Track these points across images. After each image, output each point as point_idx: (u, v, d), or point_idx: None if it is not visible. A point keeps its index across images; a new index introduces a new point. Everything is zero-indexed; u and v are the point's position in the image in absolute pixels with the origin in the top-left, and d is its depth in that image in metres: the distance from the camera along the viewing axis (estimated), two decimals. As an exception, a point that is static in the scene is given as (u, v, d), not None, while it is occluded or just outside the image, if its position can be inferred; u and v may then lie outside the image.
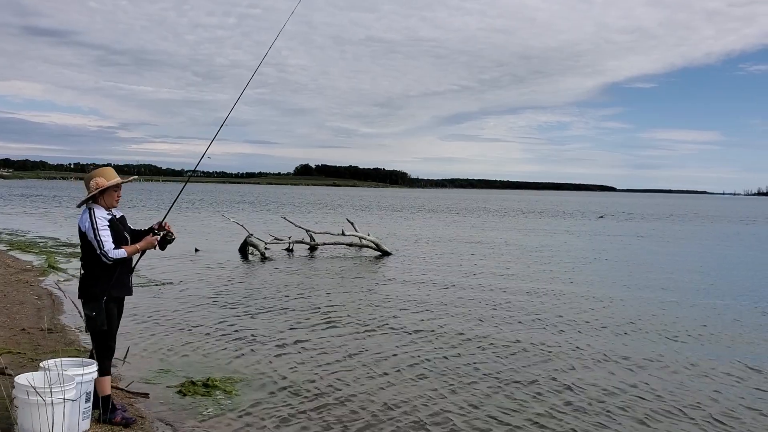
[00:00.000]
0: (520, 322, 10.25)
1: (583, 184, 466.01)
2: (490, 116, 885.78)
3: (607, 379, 7.37)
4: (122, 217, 5.28)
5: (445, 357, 8.05)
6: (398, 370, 7.41)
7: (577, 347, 8.78)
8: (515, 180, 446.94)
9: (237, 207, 51.35)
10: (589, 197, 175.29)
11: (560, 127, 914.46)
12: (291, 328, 9.33)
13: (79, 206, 5.18)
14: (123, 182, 5.25)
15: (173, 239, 5.37)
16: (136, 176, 6.82)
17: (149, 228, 5.38)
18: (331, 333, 9.14)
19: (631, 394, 6.84)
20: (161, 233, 5.28)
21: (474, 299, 12.19)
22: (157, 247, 5.29)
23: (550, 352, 8.47)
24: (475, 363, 7.83)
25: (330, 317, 10.19)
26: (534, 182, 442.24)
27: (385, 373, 7.27)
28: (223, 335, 8.77)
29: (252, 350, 8.06)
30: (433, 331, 9.46)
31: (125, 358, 5.90)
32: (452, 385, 6.95)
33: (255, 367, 7.35)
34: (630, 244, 26.84)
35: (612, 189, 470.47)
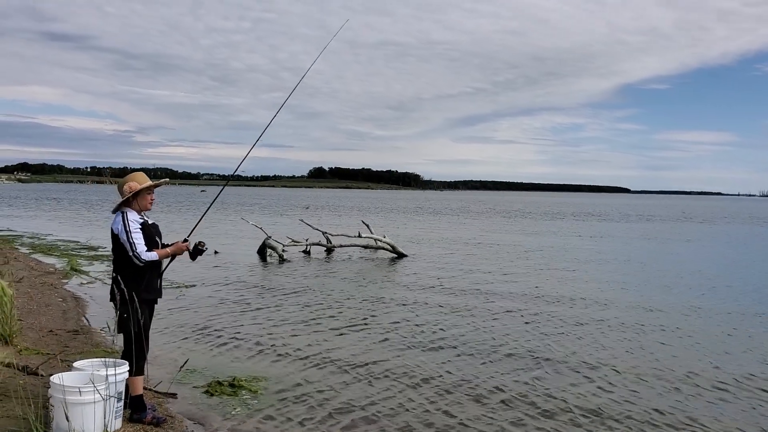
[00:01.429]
0: (538, 330, 10.25)
1: (598, 186, 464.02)
2: (504, 118, 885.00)
3: (650, 401, 7.33)
4: (155, 223, 5.40)
5: (465, 363, 8.09)
6: (418, 376, 7.45)
7: (599, 361, 8.77)
8: (529, 182, 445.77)
9: (252, 209, 51.60)
10: (603, 199, 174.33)
11: (574, 129, 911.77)
12: (311, 329, 9.41)
13: (114, 212, 5.30)
14: (156, 185, 5.39)
15: (205, 249, 5.48)
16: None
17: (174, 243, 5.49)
18: (350, 334, 9.21)
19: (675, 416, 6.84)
20: (193, 242, 5.40)
21: (490, 303, 12.21)
22: (189, 256, 5.41)
23: (565, 363, 8.48)
24: (495, 372, 7.86)
25: (349, 319, 10.27)
26: (548, 184, 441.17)
27: (406, 378, 7.33)
28: (245, 336, 8.88)
29: (274, 350, 8.15)
30: (453, 334, 9.50)
31: (182, 366, 6.02)
32: (470, 395, 6.98)
33: (278, 367, 7.44)
34: (644, 246, 26.70)
35: (626, 190, 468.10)
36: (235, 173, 7.09)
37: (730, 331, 10.09)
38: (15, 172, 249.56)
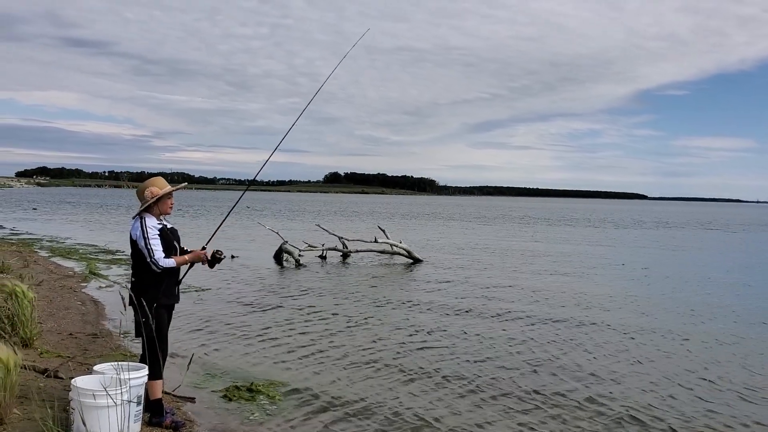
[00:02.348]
0: (558, 337, 10.18)
1: (614, 192, 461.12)
2: (520, 124, 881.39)
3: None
4: (173, 228, 5.43)
5: (488, 367, 8.05)
6: (438, 380, 7.42)
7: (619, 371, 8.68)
8: (545, 188, 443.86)
9: (268, 214, 51.78)
10: (620, 205, 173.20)
11: (591, 135, 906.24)
12: (328, 334, 9.41)
13: (134, 217, 5.34)
14: (175, 190, 5.42)
15: (222, 258, 5.50)
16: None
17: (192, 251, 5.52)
18: (368, 340, 9.19)
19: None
20: (211, 250, 5.43)
21: (508, 309, 12.15)
22: (206, 265, 5.43)
23: (581, 368, 8.41)
24: (516, 377, 7.82)
25: (366, 324, 10.26)
26: (564, 190, 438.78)
27: (427, 382, 7.30)
28: (262, 340, 8.90)
29: (292, 355, 8.16)
30: (473, 339, 9.46)
31: (189, 363, 6.05)
32: (494, 399, 6.95)
33: (296, 372, 7.44)
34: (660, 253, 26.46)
35: (643, 197, 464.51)
36: (254, 178, 7.10)
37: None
38: (34, 177, 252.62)
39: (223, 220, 6.13)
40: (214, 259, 5.44)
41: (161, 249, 5.11)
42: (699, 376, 7.89)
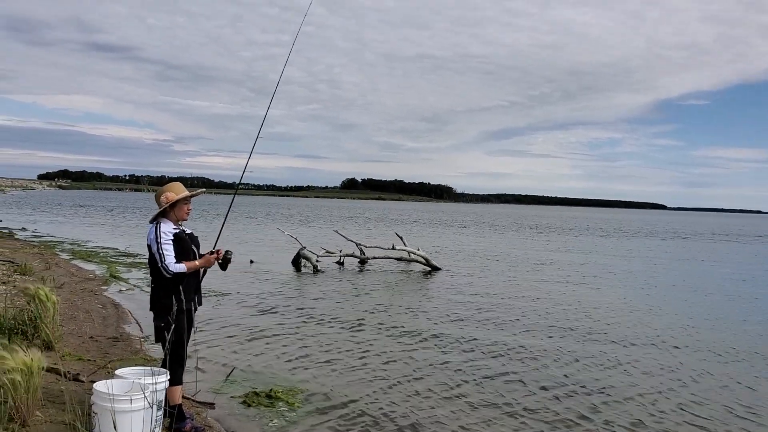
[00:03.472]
0: (573, 352, 10.09)
1: (633, 202, 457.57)
2: (539, 132, 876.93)
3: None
4: (192, 233, 5.43)
5: (505, 379, 7.99)
6: (459, 392, 7.37)
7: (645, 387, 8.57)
8: (563, 196, 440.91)
9: (286, 219, 51.94)
10: (639, 215, 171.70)
11: (611, 144, 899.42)
12: (347, 342, 9.39)
13: (151, 222, 5.35)
14: (192, 195, 5.43)
15: (231, 257, 5.48)
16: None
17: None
18: (387, 348, 9.16)
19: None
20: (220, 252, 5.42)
21: (527, 319, 12.07)
22: (219, 267, 5.44)
23: (601, 390, 8.31)
24: (535, 389, 7.74)
25: (385, 333, 10.23)
26: (583, 198, 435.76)
27: (445, 391, 7.26)
28: (281, 346, 8.90)
29: (311, 362, 8.15)
30: (490, 349, 9.40)
31: (229, 375, 6.07)
32: (510, 412, 6.89)
33: (314, 379, 7.42)
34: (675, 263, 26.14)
35: (662, 207, 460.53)
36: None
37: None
38: (55, 179, 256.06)
39: (224, 223, 6.17)
40: (225, 261, 5.43)
41: (173, 254, 5.11)
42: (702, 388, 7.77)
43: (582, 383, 7.77)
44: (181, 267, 5.12)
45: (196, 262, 5.30)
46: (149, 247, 5.18)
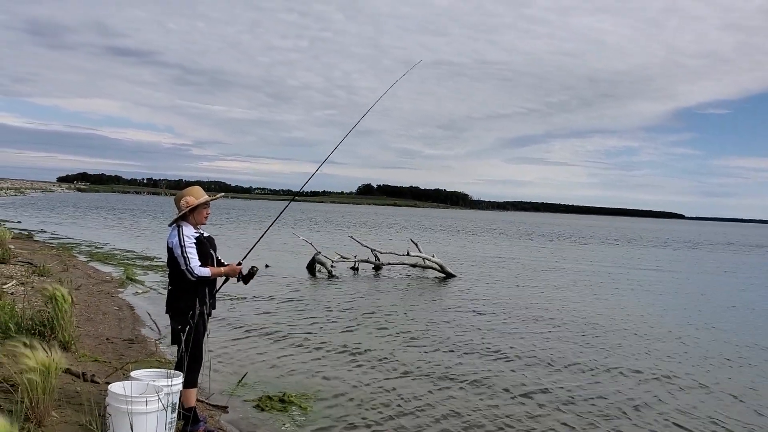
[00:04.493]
0: (588, 363, 10.01)
1: (651, 211, 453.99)
2: (557, 139, 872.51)
3: None
4: (210, 237, 5.47)
5: (531, 384, 7.95)
6: (469, 397, 7.35)
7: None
8: (580, 204, 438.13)
9: (301, 224, 52.08)
10: (657, 224, 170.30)
11: (628, 152, 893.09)
12: (360, 347, 9.38)
13: (171, 225, 5.39)
14: (211, 199, 5.46)
15: (256, 273, 5.52)
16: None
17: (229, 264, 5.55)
18: (401, 354, 9.15)
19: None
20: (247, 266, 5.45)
21: (543, 326, 12.01)
22: (241, 281, 5.47)
23: (612, 404, 8.23)
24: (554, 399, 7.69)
25: (398, 339, 10.21)
26: (599, 207, 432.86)
27: (459, 399, 7.24)
28: (295, 350, 8.92)
29: (324, 367, 8.16)
30: (507, 355, 9.36)
31: (242, 379, 6.08)
32: (534, 423, 6.85)
33: (327, 383, 7.43)
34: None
35: (680, 216, 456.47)
36: (300, 190, 7.13)
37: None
38: (74, 182, 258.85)
39: (261, 237, 6.15)
40: (249, 275, 5.46)
41: (197, 257, 5.15)
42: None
43: (617, 398, 7.71)
44: (206, 271, 5.16)
45: (222, 269, 5.33)
46: (171, 249, 5.21)
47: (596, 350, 10.08)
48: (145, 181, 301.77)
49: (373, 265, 20.45)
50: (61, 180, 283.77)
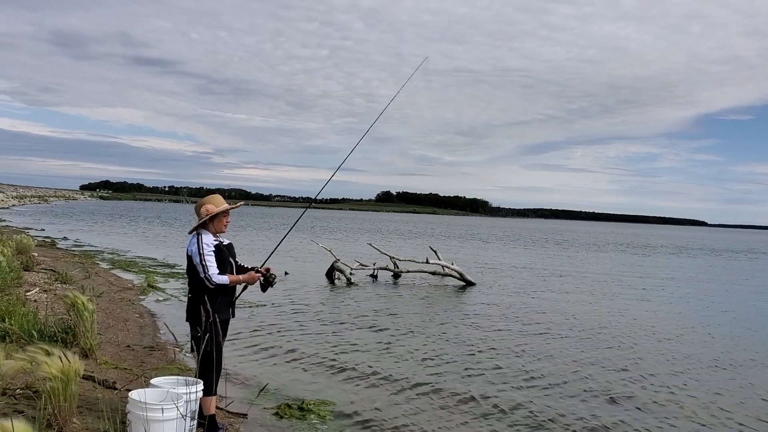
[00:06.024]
0: (613, 369, 9.89)
1: (672, 218, 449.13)
2: (577, 146, 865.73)
3: None
4: (230, 244, 5.50)
5: (543, 395, 7.87)
6: (486, 404, 7.28)
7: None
8: (601, 211, 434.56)
9: (320, 231, 52.21)
10: (679, 231, 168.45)
11: (650, 159, 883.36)
12: (379, 355, 9.36)
13: (190, 232, 5.42)
14: (231, 208, 5.49)
15: (275, 282, 5.52)
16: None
17: (252, 267, 5.56)
18: (420, 362, 9.11)
19: None
20: (265, 274, 5.46)
21: (562, 336, 11.90)
22: (260, 288, 5.47)
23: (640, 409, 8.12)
24: (572, 407, 7.60)
25: (418, 346, 10.17)
26: (620, 214, 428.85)
27: (476, 407, 7.18)
28: (314, 358, 8.91)
29: (342, 374, 8.14)
30: (526, 366, 9.28)
31: (262, 389, 6.09)
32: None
33: (346, 391, 7.41)
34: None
35: (703, 223, 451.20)
36: (315, 197, 7.16)
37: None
38: (97, 190, 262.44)
39: (278, 244, 6.15)
40: (268, 283, 5.47)
41: (216, 265, 5.18)
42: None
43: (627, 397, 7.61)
44: (224, 279, 5.18)
45: (240, 277, 5.35)
46: (190, 257, 5.24)
47: (641, 385, 9.32)
48: (166, 189, 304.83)
49: (392, 273, 20.42)
50: (84, 188, 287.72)
